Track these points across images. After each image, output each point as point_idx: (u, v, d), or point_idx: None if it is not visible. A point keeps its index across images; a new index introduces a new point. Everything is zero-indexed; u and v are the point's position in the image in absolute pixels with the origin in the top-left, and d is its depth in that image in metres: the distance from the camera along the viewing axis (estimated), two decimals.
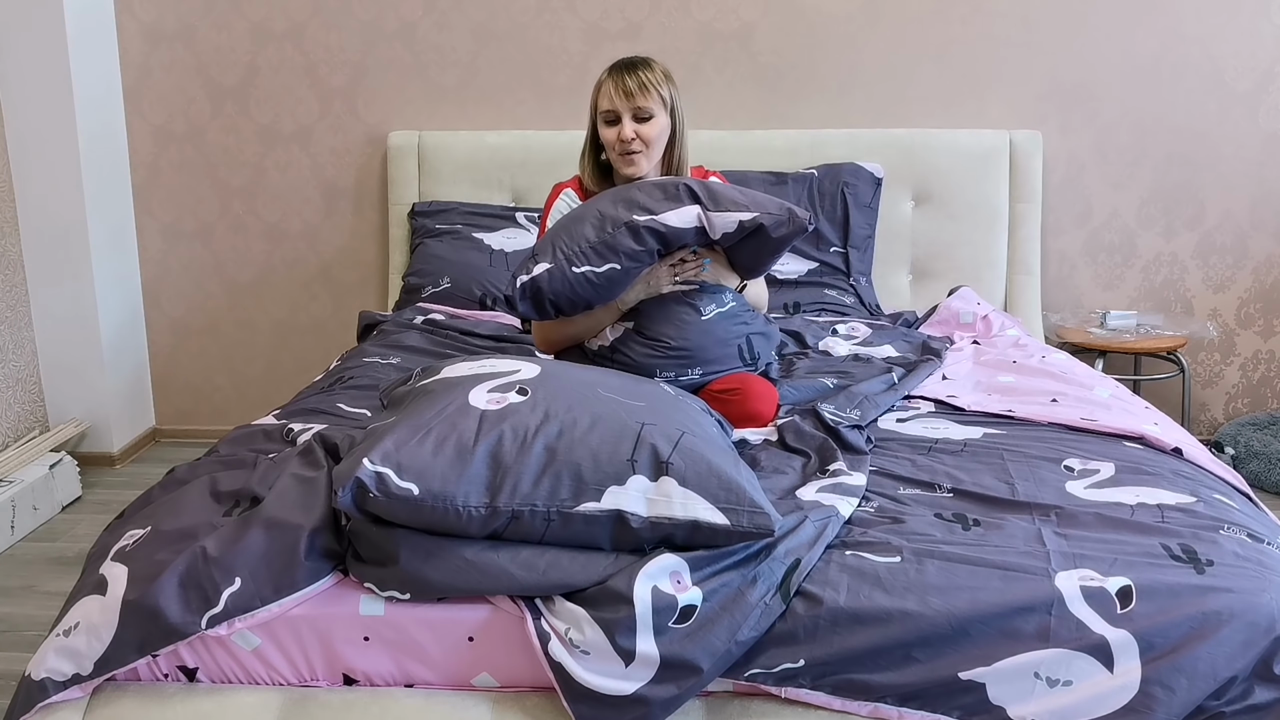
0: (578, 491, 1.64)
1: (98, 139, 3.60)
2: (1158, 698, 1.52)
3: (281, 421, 2.26)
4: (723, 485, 1.66)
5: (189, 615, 1.63)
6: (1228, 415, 3.76)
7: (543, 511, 1.63)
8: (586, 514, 1.63)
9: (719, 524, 1.63)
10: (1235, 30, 3.48)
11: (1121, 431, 2.19)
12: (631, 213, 2.20)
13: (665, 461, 1.66)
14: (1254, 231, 3.61)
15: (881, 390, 2.41)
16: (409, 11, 3.63)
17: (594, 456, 1.66)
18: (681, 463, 1.67)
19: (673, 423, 1.75)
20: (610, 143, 2.35)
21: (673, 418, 1.77)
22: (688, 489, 1.65)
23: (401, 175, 3.64)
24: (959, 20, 3.54)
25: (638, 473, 1.65)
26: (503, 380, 1.82)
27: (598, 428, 1.70)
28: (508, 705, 1.63)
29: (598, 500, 1.63)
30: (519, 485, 1.63)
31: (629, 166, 2.35)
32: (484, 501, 1.63)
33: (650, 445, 1.68)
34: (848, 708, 1.58)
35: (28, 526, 3.18)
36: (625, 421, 1.71)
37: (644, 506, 1.64)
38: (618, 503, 1.63)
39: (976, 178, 3.50)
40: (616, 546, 1.66)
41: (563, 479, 1.64)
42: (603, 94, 2.34)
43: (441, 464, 1.64)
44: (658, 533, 1.64)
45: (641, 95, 2.30)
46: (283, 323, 3.90)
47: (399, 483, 1.61)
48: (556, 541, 1.66)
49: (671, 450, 1.68)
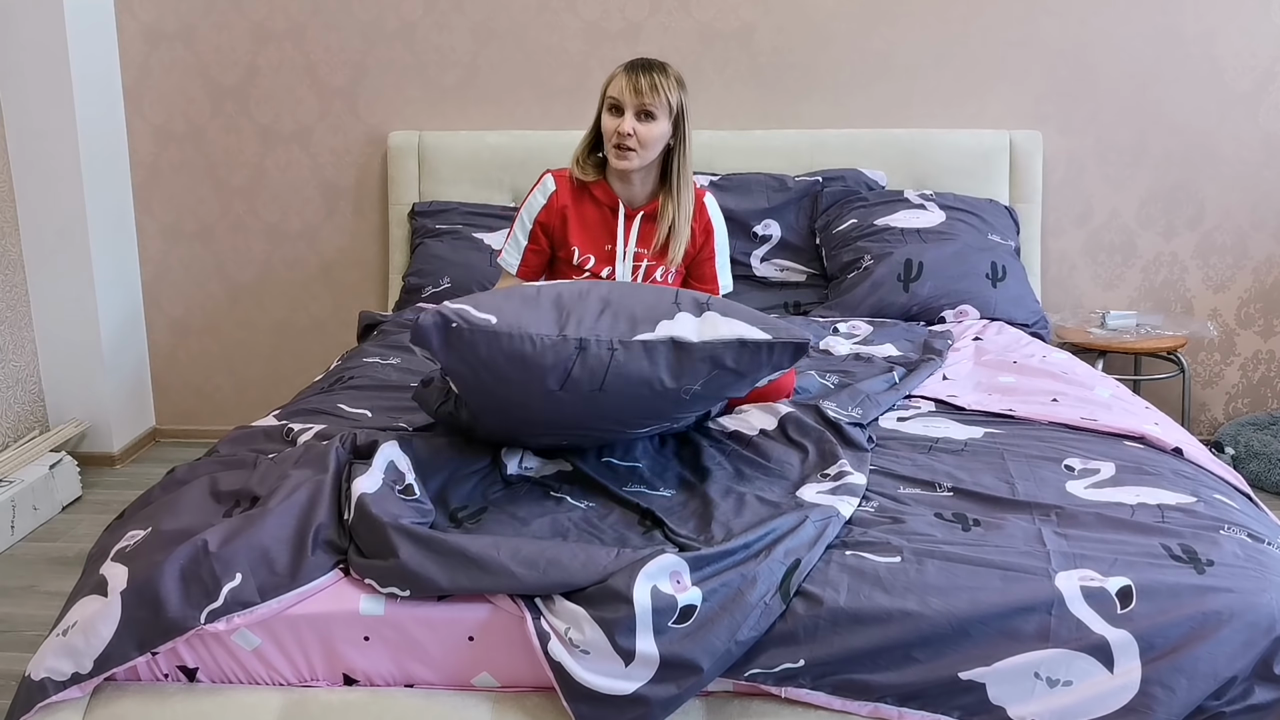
0: (633, 327, 1.81)
1: (98, 139, 3.60)
2: (1158, 698, 1.52)
3: (281, 422, 2.26)
4: (758, 316, 1.88)
5: (189, 609, 1.63)
6: (1228, 415, 3.76)
7: (606, 340, 1.78)
8: (645, 341, 1.79)
9: (762, 339, 1.82)
10: (1235, 30, 3.48)
11: (1122, 431, 2.19)
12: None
13: (704, 304, 1.88)
14: (1254, 231, 3.61)
15: (883, 389, 2.41)
16: (409, 11, 3.63)
17: (643, 303, 1.86)
18: (719, 305, 1.88)
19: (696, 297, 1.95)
20: (609, 133, 2.35)
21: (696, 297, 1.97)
22: (730, 317, 1.84)
23: (401, 175, 3.64)
24: (959, 20, 3.54)
25: (683, 310, 1.85)
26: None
27: (640, 291, 1.91)
28: (508, 705, 1.63)
29: (652, 330, 1.80)
30: (583, 320, 1.80)
31: (621, 160, 2.35)
32: (554, 330, 1.77)
33: (690, 296, 1.90)
34: (848, 708, 1.58)
35: (28, 526, 3.18)
36: (661, 291, 1.93)
37: (694, 332, 1.81)
38: (670, 331, 1.80)
39: (976, 178, 3.50)
40: (677, 378, 1.81)
41: (619, 318, 1.82)
42: (614, 84, 2.36)
43: (513, 304, 1.81)
44: (712, 360, 1.81)
45: (650, 95, 2.31)
46: (283, 323, 3.90)
47: (478, 314, 1.76)
48: (617, 384, 1.79)
49: (707, 300, 1.90)
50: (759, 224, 3.38)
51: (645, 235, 2.43)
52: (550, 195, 2.43)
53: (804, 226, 3.41)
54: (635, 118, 2.32)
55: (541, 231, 2.44)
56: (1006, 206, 3.46)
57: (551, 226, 2.43)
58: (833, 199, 3.41)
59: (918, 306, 3.16)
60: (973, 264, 3.20)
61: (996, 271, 3.20)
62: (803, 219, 3.41)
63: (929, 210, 3.35)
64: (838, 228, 3.35)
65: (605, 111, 2.37)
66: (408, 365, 2.72)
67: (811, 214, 3.42)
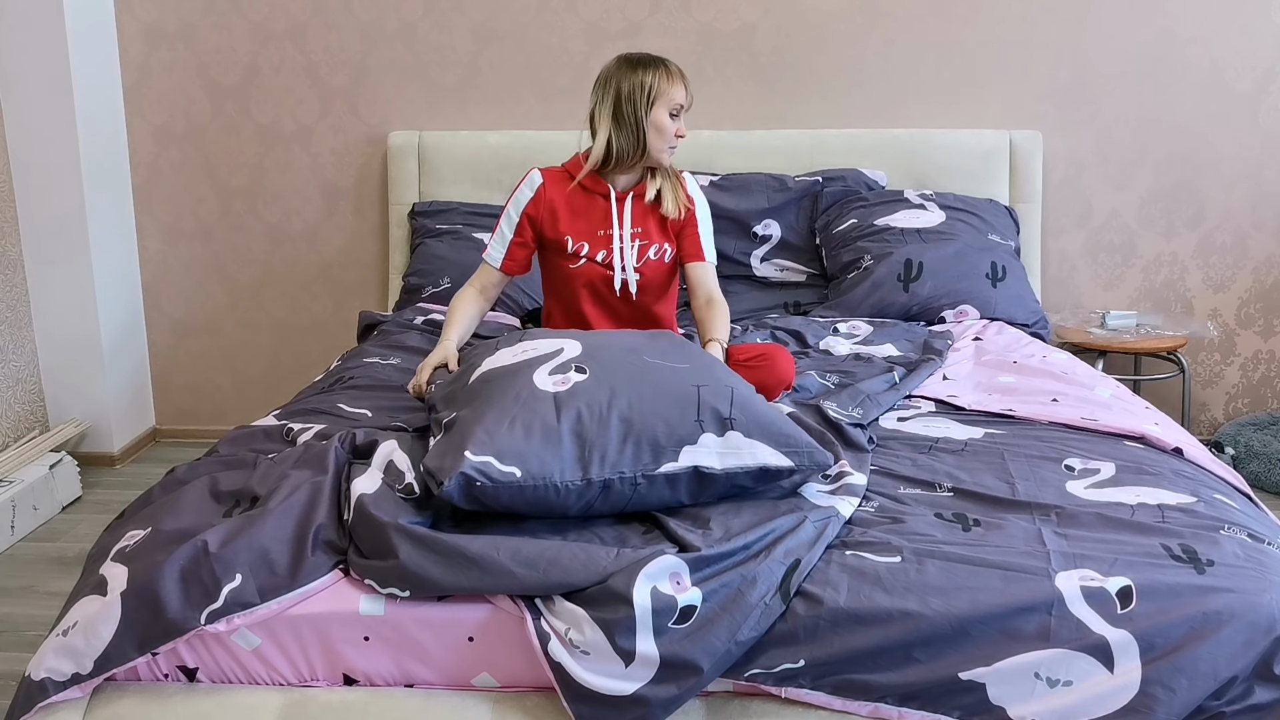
0: (657, 454, 1.78)
1: (98, 139, 3.60)
2: (1158, 698, 1.51)
3: (281, 421, 2.26)
4: (780, 432, 1.84)
5: (189, 610, 1.63)
6: (1228, 415, 3.76)
7: (630, 477, 1.76)
8: (669, 474, 1.77)
9: (784, 466, 1.82)
10: (1235, 30, 3.48)
11: (1122, 431, 2.19)
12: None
13: (728, 418, 1.83)
14: (1254, 231, 3.61)
15: (883, 389, 2.41)
16: (409, 11, 3.63)
17: (665, 422, 1.81)
18: (742, 417, 1.84)
19: (718, 380, 1.91)
20: (669, 133, 2.45)
21: (715, 375, 1.93)
22: (752, 439, 1.82)
23: (401, 175, 3.64)
24: (959, 20, 3.54)
25: (706, 430, 1.81)
26: (556, 361, 1.93)
27: (661, 396, 1.85)
28: (508, 705, 1.63)
29: (676, 460, 1.78)
30: (606, 456, 1.76)
31: (671, 157, 2.51)
32: (578, 475, 1.74)
33: (711, 406, 1.84)
34: (848, 708, 1.58)
35: (28, 526, 3.18)
36: (682, 386, 1.87)
37: (717, 460, 1.79)
38: (695, 460, 1.78)
39: (976, 178, 3.50)
40: (695, 499, 1.82)
41: (643, 445, 1.78)
42: (675, 85, 2.45)
43: (535, 446, 1.75)
44: (731, 481, 1.80)
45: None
46: (283, 323, 3.90)
47: (501, 468, 1.71)
48: (638, 505, 1.79)
49: (730, 407, 1.85)
50: (759, 224, 3.38)
51: (638, 215, 2.51)
52: (538, 189, 2.52)
53: (804, 226, 3.41)
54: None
55: (529, 224, 2.50)
56: (1006, 206, 3.46)
57: (540, 219, 2.49)
58: (833, 199, 3.42)
59: (918, 306, 3.16)
60: (973, 264, 3.20)
61: (996, 271, 3.20)
62: (803, 219, 3.41)
63: (929, 210, 3.35)
64: (838, 228, 3.35)
65: (669, 115, 2.45)
66: (408, 365, 2.72)
67: (811, 214, 3.41)
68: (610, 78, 2.46)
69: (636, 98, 2.42)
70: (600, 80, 2.48)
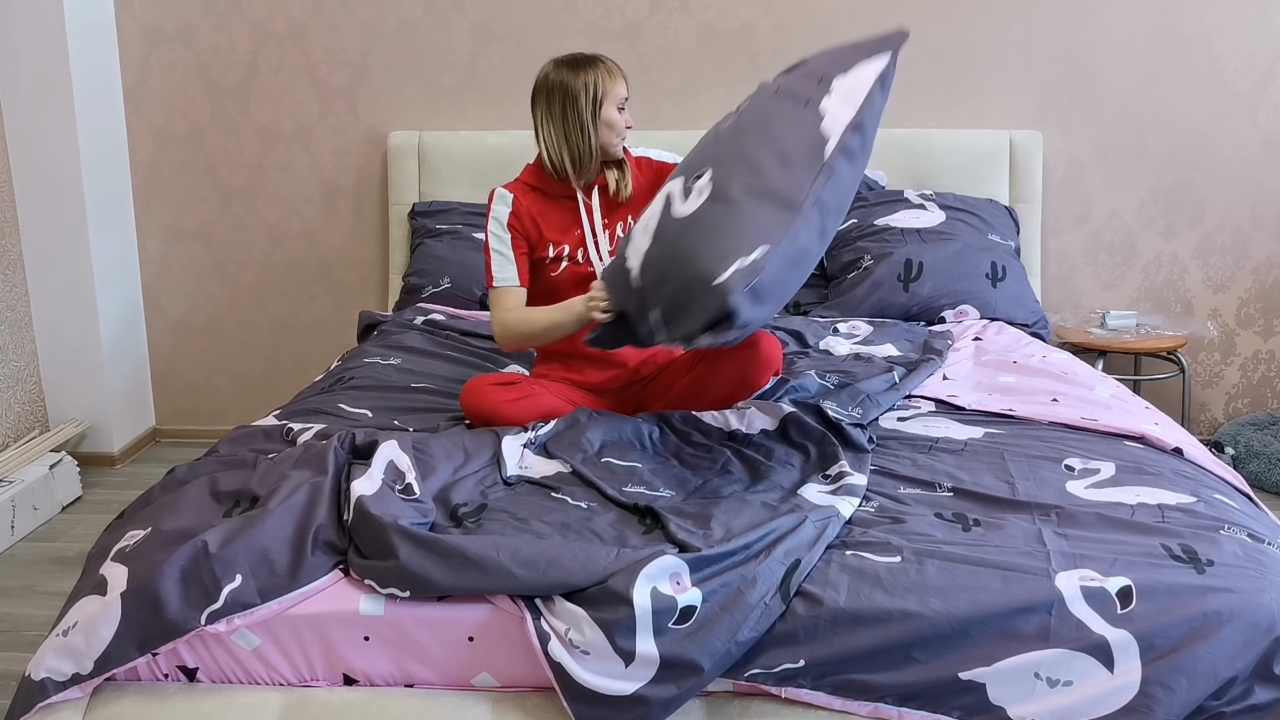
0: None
1: (98, 139, 3.60)
2: (1158, 698, 1.52)
3: (281, 421, 2.26)
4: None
5: (189, 610, 1.63)
6: (1228, 415, 3.76)
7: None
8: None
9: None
10: (1235, 30, 3.48)
11: (1122, 431, 2.19)
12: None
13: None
14: (1254, 231, 3.61)
15: (883, 389, 2.41)
16: (409, 11, 3.63)
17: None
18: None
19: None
20: (620, 127, 2.43)
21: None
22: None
23: (401, 175, 3.64)
24: (959, 20, 3.54)
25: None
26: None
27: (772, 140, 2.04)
28: (508, 705, 1.63)
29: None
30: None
31: (621, 146, 2.47)
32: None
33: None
34: (848, 708, 1.58)
35: (28, 526, 3.18)
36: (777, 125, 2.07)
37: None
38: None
39: (976, 178, 3.50)
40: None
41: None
42: (616, 81, 2.42)
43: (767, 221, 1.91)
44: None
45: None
46: (283, 323, 3.90)
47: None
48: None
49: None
50: None
51: (606, 206, 2.48)
52: (511, 201, 2.44)
53: None
54: None
55: (519, 235, 2.44)
56: (1006, 206, 3.46)
57: (525, 229, 2.44)
58: None
59: (918, 306, 3.16)
60: (973, 264, 3.20)
61: (996, 271, 3.20)
62: None
63: (929, 210, 3.35)
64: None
65: (616, 109, 2.41)
66: (408, 365, 2.73)
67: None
68: (552, 87, 2.39)
69: (582, 102, 2.39)
70: (541, 90, 2.41)
